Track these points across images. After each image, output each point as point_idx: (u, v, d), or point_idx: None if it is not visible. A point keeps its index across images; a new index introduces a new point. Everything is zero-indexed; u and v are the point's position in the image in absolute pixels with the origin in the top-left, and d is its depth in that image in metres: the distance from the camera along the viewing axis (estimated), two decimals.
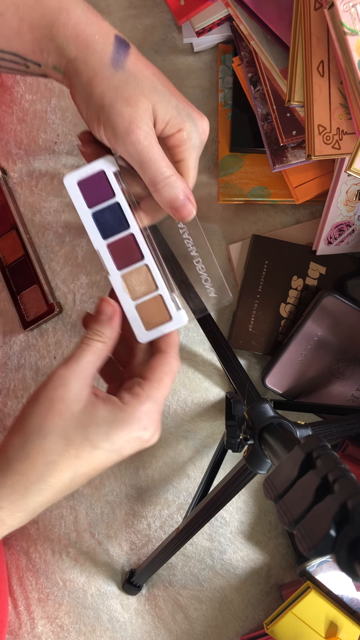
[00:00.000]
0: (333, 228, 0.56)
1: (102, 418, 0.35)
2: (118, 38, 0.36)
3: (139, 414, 0.36)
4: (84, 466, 0.35)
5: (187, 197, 0.37)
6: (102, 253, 0.39)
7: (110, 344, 0.38)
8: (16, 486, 0.34)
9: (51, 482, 0.35)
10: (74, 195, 0.38)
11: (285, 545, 0.61)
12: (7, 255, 0.66)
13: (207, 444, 0.63)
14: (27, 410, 0.36)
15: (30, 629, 0.63)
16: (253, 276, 0.59)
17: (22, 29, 0.35)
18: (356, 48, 0.43)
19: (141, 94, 0.35)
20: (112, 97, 0.35)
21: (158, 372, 0.38)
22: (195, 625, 0.62)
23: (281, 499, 0.27)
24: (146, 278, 0.39)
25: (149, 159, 0.35)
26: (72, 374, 0.36)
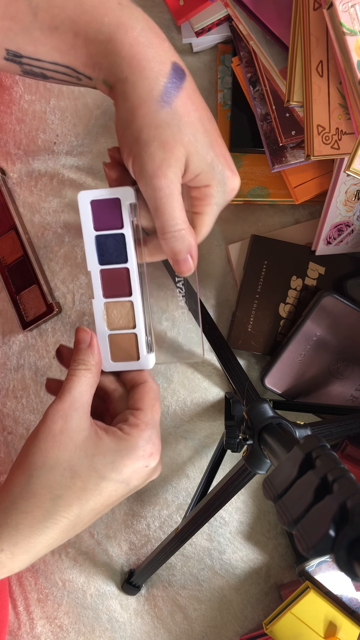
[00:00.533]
0: (332, 228, 0.56)
1: (107, 447, 0.35)
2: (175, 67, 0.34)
3: (141, 441, 0.36)
4: (91, 500, 0.35)
5: (190, 254, 0.37)
6: (94, 276, 0.39)
7: (95, 370, 0.38)
8: (21, 526, 0.33)
9: (57, 519, 0.34)
10: (84, 213, 0.38)
11: (285, 545, 0.61)
12: (6, 256, 0.66)
13: (207, 444, 0.63)
14: (28, 447, 0.35)
15: (30, 630, 0.63)
16: (252, 276, 0.59)
17: (77, 43, 0.33)
18: (355, 48, 0.43)
19: (179, 142, 0.33)
20: (150, 135, 0.33)
21: (147, 399, 0.38)
22: (195, 625, 0.62)
23: (280, 499, 0.27)
24: (127, 314, 0.39)
25: (165, 208, 0.35)
26: (68, 405, 0.35)
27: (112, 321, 0.39)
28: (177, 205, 0.35)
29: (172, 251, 0.36)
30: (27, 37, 0.34)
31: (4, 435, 0.66)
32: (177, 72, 0.34)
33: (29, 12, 0.33)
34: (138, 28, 0.33)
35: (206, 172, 0.35)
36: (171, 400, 0.63)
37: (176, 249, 0.36)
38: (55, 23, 0.33)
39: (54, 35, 0.33)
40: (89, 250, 0.38)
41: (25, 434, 0.65)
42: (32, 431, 0.36)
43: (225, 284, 0.63)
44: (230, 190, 0.37)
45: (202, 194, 0.37)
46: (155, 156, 0.33)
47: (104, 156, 0.64)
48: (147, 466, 0.36)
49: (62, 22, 0.33)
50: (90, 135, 0.65)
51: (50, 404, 0.36)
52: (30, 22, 0.33)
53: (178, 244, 0.36)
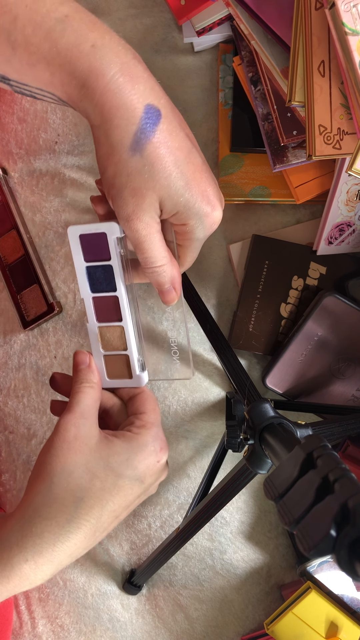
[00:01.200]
0: (334, 228, 0.56)
1: (119, 447, 0.37)
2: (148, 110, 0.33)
3: (150, 438, 0.38)
4: (110, 501, 0.36)
5: (174, 285, 0.39)
6: (87, 303, 0.42)
7: (97, 387, 0.40)
8: (45, 533, 0.33)
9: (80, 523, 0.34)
10: (74, 246, 0.40)
11: (286, 545, 0.61)
12: (7, 255, 0.66)
13: (208, 444, 0.63)
14: (45, 456, 0.36)
15: (31, 629, 0.63)
16: (253, 276, 0.59)
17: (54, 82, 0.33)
18: (357, 48, 0.43)
19: (151, 188, 0.34)
20: (122, 182, 0.34)
21: (147, 403, 0.41)
22: (196, 625, 0.62)
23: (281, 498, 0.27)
24: (120, 337, 0.42)
25: (145, 248, 0.36)
26: (78, 415, 0.37)
27: (106, 343, 0.42)
28: (156, 243, 0.37)
29: (156, 283, 0.39)
30: (9, 66, 0.34)
31: (5, 435, 0.66)
32: (150, 115, 0.33)
33: (8, 45, 0.33)
34: (110, 74, 0.32)
35: (182, 212, 0.36)
36: (172, 400, 0.63)
37: (159, 282, 0.39)
38: (32, 60, 0.33)
39: (33, 70, 0.33)
40: (81, 279, 0.41)
41: (27, 433, 0.65)
42: (46, 442, 0.37)
43: (226, 283, 0.63)
44: (209, 225, 0.38)
45: (181, 230, 0.38)
46: (129, 202, 0.35)
47: None
48: (159, 461, 0.38)
49: (38, 60, 0.33)
50: (91, 134, 0.65)
51: (61, 417, 0.38)
52: (10, 55, 0.33)
53: (160, 277, 0.38)
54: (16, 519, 0.35)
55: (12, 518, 0.35)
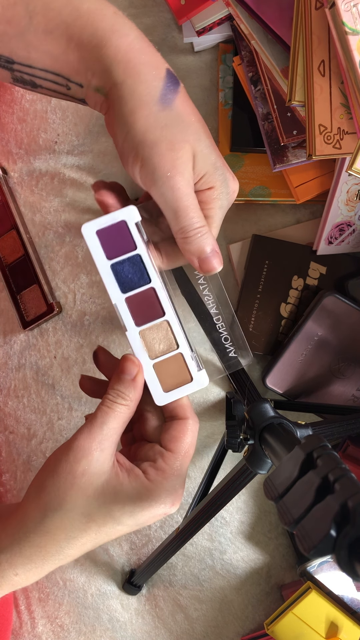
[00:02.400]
0: (334, 228, 0.56)
1: (126, 495, 0.33)
2: (169, 73, 0.34)
3: (164, 492, 0.34)
4: (104, 539, 0.34)
5: (216, 250, 0.36)
6: (120, 308, 0.36)
7: (133, 406, 0.35)
8: (34, 557, 0.33)
9: (70, 554, 0.34)
10: (93, 245, 0.36)
11: (286, 545, 0.61)
12: (7, 255, 0.66)
13: (207, 444, 0.63)
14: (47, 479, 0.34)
15: (31, 629, 0.63)
16: (253, 276, 0.59)
17: (70, 47, 0.33)
18: (357, 48, 0.43)
19: (185, 141, 0.33)
20: (157, 136, 0.33)
21: (182, 443, 0.36)
22: (196, 625, 0.62)
23: (281, 499, 0.27)
24: (166, 335, 0.37)
25: (186, 207, 0.34)
26: (96, 444, 0.33)
27: (152, 349, 0.37)
28: (196, 203, 0.35)
29: (199, 249, 0.35)
30: (20, 41, 0.34)
31: (5, 435, 0.66)
32: (171, 78, 0.34)
33: (26, 15, 0.33)
34: (132, 35, 0.33)
35: (211, 174, 0.35)
36: None
37: (202, 246, 0.35)
38: (50, 27, 0.33)
39: (47, 39, 0.33)
40: (108, 281, 0.36)
41: (27, 433, 0.65)
42: (54, 457, 0.34)
43: (226, 283, 0.63)
44: (232, 192, 0.37)
45: (207, 197, 0.36)
46: (167, 156, 0.33)
47: (104, 156, 0.64)
48: (165, 514, 0.35)
49: (57, 25, 0.33)
50: (91, 134, 0.64)
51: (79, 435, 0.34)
52: (26, 25, 0.33)
53: (203, 240, 0.35)
54: (7, 535, 0.34)
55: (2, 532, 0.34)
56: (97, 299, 0.64)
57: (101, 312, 0.64)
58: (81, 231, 0.36)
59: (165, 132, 0.33)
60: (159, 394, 0.36)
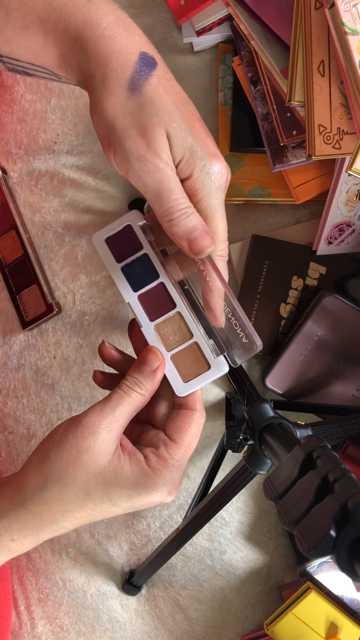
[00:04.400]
0: (333, 228, 0.56)
1: (126, 479, 0.34)
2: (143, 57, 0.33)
3: (163, 481, 0.35)
4: (99, 517, 0.35)
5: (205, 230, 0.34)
6: (134, 305, 0.38)
7: (148, 397, 0.36)
8: (29, 524, 0.34)
9: (65, 526, 0.35)
10: (103, 252, 0.38)
11: (286, 545, 0.61)
12: (6, 255, 0.66)
13: (207, 444, 0.63)
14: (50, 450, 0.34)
15: (31, 629, 0.63)
16: (253, 276, 0.59)
17: (48, 43, 0.33)
18: (357, 48, 0.43)
19: (157, 124, 0.32)
20: (126, 121, 0.32)
21: (186, 434, 0.36)
22: (195, 625, 0.62)
23: (281, 499, 0.27)
24: (179, 326, 0.38)
25: (168, 188, 0.33)
26: (105, 424, 0.34)
27: (167, 341, 0.38)
28: (178, 185, 0.33)
29: (186, 231, 0.34)
30: (2, 37, 0.34)
31: (4, 435, 0.66)
32: (145, 61, 0.33)
33: (2, 11, 0.33)
34: (105, 23, 0.32)
35: (187, 158, 0.34)
36: None
37: (190, 227, 0.34)
38: (26, 22, 0.33)
39: (25, 35, 0.33)
40: (120, 283, 0.38)
41: (26, 433, 0.65)
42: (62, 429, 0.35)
43: None
44: (217, 174, 0.35)
45: (189, 187, 0.35)
46: (139, 141, 0.32)
47: (104, 156, 0.64)
48: (162, 501, 0.35)
49: (32, 21, 0.33)
50: (91, 134, 0.64)
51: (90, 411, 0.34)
52: (3, 21, 0.33)
53: (189, 221, 0.34)
54: (4, 501, 0.35)
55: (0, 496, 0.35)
56: (96, 299, 0.64)
57: (101, 312, 0.64)
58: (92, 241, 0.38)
59: (135, 117, 0.32)
60: (179, 385, 0.37)
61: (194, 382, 0.37)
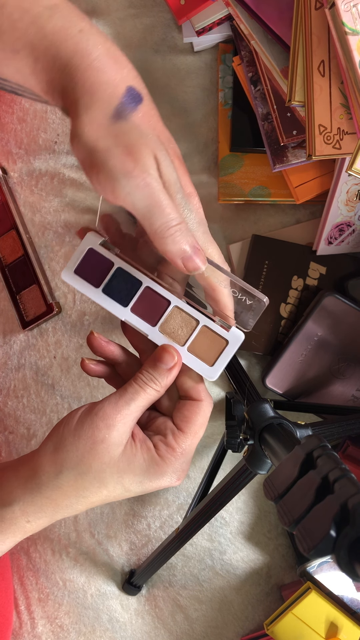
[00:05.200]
0: (333, 228, 0.56)
1: (138, 467, 0.36)
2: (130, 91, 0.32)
3: (172, 469, 0.36)
4: (112, 499, 0.37)
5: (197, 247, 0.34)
6: (132, 320, 0.38)
7: (162, 392, 0.37)
8: (45, 508, 0.36)
9: (79, 508, 0.36)
10: (78, 284, 0.38)
11: (286, 545, 0.61)
12: (6, 255, 0.66)
13: (207, 444, 0.63)
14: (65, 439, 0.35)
15: (31, 629, 0.63)
16: (253, 276, 0.59)
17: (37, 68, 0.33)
18: (357, 48, 0.43)
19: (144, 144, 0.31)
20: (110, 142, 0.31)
21: (193, 424, 0.38)
22: (195, 625, 0.62)
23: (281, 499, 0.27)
24: (182, 318, 0.38)
25: (160, 203, 0.31)
26: (120, 417, 0.35)
27: (177, 337, 0.38)
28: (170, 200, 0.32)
29: (180, 248, 0.33)
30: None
31: (5, 435, 0.66)
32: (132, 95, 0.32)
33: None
34: (95, 54, 0.32)
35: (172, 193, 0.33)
36: None
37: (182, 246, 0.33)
38: (17, 47, 0.33)
39: (16, 58, 0.33)
40: (109, 305, 0.38)
41: (26, 433, 0.65)
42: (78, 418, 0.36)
43: None
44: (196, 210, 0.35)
45: None
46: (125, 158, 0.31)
47: None
48: (170, 485, 0.37)
49: (23, 46, 0.32)
50: None
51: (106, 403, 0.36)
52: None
53: (182, 238, 0.33)
54: (19, 485, 0.36)
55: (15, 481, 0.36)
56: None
57: (101, 312, 0.64)
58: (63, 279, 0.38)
59: (120, 139, 0.31)
60: (208, 371, 0.38)
61: (220, 362, 0.38)
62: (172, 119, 0.63)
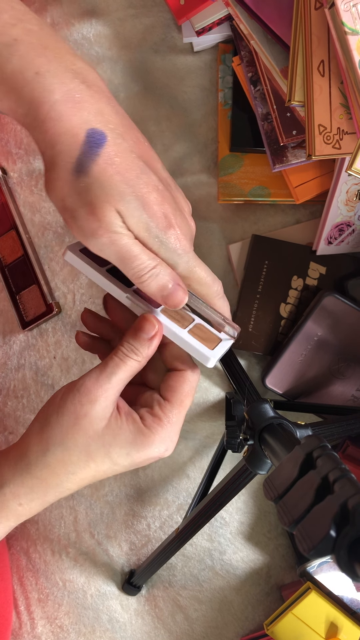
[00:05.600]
0: (333, 228, 0.56)
1: (124, 439, 0.36)
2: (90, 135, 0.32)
3: (159, 439, 0.36)
4: (102, 476, 0.37)
5: (177, 282, 0.35)
6: (134, 298, 0.37)
7: (144, 363, 0.37)
8: (36, 488, 0.36)
9: (70, 487, 0.36)
10: (81, 264, 0.37)
11: (286, 545, 0.61)
12: (6, 255, 0.66)
13: (207, 444, 0.63)
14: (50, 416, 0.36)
15: (31, 629, 0.63)
16: (253, 276, 0.59)
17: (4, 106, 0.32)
18: (357, 48, 0.43)
19: (106, 202, 0.31)
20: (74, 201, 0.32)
21: (179, 393, 0.38)
22: (195, 625, 0.62)
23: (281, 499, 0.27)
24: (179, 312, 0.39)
25: (129, 255, 0.33)
26: (102, 391, 0.35)
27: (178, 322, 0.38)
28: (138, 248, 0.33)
29: (158, 289, 0.35)
30: None
31: (4, 435, 0.66)
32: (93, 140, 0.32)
33: None
34: (50, 102, 0.31)
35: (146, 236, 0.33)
36: None
37: (161, 285, 0.34)
38: None
39: None
40: (110, 286, 0.37)
41: None
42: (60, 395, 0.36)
43: (225, 284, 0.62)
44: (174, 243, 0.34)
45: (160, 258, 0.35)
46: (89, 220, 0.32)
47: None
48: (160, 457, 0.37)
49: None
50: None
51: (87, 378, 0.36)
52: None
53: (160, 279, 0.34)
54: (9, 467, 0.36)
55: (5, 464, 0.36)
56: (96, 299, 0.64)
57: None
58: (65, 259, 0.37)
59: (82, 197, 0.32)
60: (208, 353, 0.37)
61: (218, 350, 0.38)
62: (172, 119, 0.63)
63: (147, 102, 0.63)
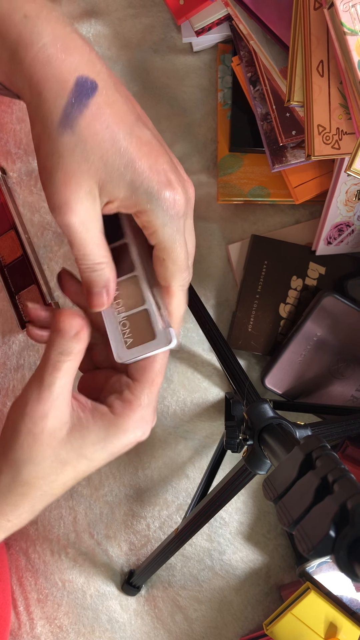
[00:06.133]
0: (332, 228, 0.56)
1: (94, 436, 0.34)
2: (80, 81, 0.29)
3: (133, 424, 0.34)
4: (83, 473, 0.35)
5: (107, 289, 0.34)
6: None
7: (80, 357, 0.34)
8: (20, 504, 0.35)
9: (55, 492, 0.35)
10: None
11: (285, 545, 0.61)
12: (5, 255, 0.66)
13: (207, 445, 0.63)
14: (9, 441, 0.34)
15: (30, 630, 0.63)
16: (252, 276, 0.59)
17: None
18: (356, 48, 0.43)
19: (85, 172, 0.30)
20: (54, 164, 0.30)
21: (149, 372, 0.35)
22: (195, 626, 0.62)
23: (281, 499, 0.27)
24: (134, 291, 0.36)
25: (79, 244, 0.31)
26: (48, 405, 0.33)
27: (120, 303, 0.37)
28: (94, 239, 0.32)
29: (87, 282, 0.34)
30: None
31: None
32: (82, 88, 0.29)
33: None
34: (39, 44, 0.29)
35: (128, 198, 0.31)
36: (171, 400, 0.63)
37: (93, 281, 0.33)
38: None
39: None
40: None
41: None
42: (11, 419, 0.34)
43: (225, 284, 0.63)
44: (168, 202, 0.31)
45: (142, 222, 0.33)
46: (61, 191, 0.30)
47: None
48: (138, 441, 0.35)
49: None
50: None
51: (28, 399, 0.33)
52: None
53: (95, 276, 0.33)
54: None
55: None
56: None
57: None
58: None
59: (62, 161, 0.29)
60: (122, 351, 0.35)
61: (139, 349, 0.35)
62: (172, 119, 0.63)
63: (147, 102, 0.63)
